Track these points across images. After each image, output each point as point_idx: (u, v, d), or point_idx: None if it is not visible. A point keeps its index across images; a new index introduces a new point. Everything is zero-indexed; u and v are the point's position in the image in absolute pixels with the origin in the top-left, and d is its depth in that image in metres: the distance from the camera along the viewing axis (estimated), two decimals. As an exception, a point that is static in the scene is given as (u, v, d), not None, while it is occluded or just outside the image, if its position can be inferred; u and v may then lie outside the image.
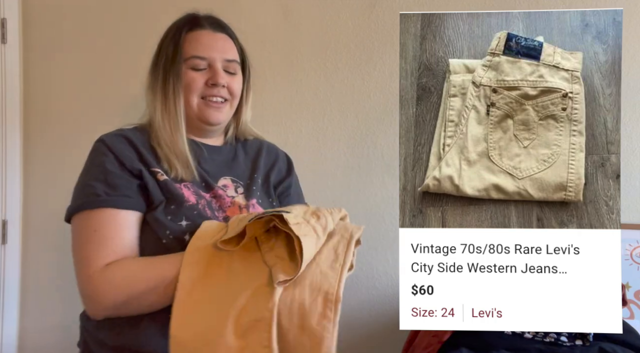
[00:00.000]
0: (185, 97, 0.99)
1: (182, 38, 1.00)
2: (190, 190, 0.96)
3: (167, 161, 0.96)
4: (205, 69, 1.01)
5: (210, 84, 1.00)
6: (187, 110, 1.00)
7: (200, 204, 0.95)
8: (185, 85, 0.98)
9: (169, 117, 0.98)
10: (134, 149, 0.95)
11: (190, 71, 0.99)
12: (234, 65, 1.04)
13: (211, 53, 1.00)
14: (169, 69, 0.98)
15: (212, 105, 1.01)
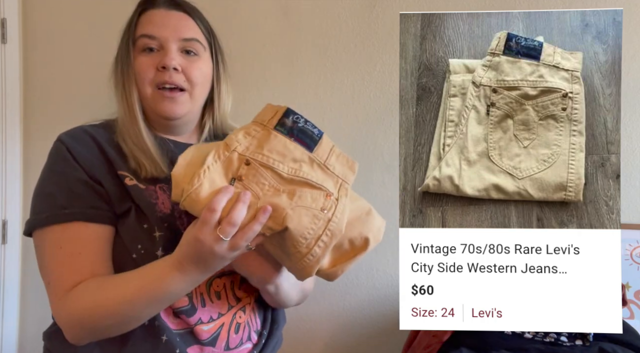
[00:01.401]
0: (138, 86, 0.86)
1: (134, 20, 0.87)
2: (165, 193, 0.83)
3: (133, 158, 0.83)
4: (157, 51, 0.86)
5: (160, 68, 0.85)
6: (143, 101, 0.87)
7: (176, 211, 0.82)
8: (136, 72, 0.85)
9: (127, 109, 0.86)
10: (98, 148, 0.83)
11: (141, 55, 0.85)
12: (195, 45, 0.87)
13: (162, 31, 0.84)
14: (124, 56, 0.87)
15: (166, 96, 0.85)
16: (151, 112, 0.88)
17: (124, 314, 0.74)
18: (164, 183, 0.83)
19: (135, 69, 0.85)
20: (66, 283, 0.76)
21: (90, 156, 0.81)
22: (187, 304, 0.81)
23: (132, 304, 0.73)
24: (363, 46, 1.62)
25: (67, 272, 0.76)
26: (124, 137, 0.85)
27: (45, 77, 1.70)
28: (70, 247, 0.76)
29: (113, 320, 0.74)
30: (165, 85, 0.85)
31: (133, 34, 0.86)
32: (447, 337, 1.13)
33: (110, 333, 0.77)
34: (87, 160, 0.80)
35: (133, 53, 0.86)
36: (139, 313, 0.75)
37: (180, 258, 0.72)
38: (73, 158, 0.80)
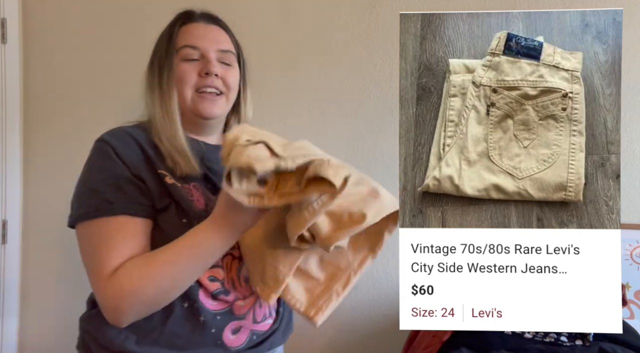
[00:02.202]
0: (179, 90, 0.96)
1: (176, 32, 0.99)
2: (199, 191, 0.93)
3: (170, 158, 0.92)
4: (198, 60, 0.97)
5: (203, 74, 0.96)
6: (182, 104, 0.97)
7: (209, 207, 0.91)
8: (178, 77, 0.96)
9: (166, 111, 0.95)
10: (139, 148, 0.91)
11: (183, 63, 0.96)
12: (229, 56, 1.00)
13: (204, 43, 0.97)
14: (164, 63, 0.96)
15: (206, 98, 0.97)
16: (189, 113, 0.97)
17: (170, 277, 0.81)
18: (196, 182, 0.93)
19: (178, 75, 0.95)
20: (110, 266, 0.82)
21: (133, 155, 0.89)
22: (221, 287, 0.91)
23: (177, 264, 0.81)
24: (363, 46, 1.62)
25: (111, 257, 0.82)
26: (161, 137, 0.93)
27: (45, 77, 1.70)
28: (115, 237, 0.83)
29: (160, 286, 0.81)
30: (206, 88, 0.96)
31: (175, 44, 0.96)
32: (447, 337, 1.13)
33: (156, 304, 0.84)
34: (131, 159, 0.88)
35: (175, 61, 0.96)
36: (183, 274, 0.82)
37: (213, 217, 0.81)
38: (117, 156, 0.88)
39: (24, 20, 1.70)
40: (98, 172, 0.88)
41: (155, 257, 0.83)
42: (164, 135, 0.93)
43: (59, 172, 1.70)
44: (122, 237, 0.83)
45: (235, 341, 0.91)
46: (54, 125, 1.70)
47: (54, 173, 1.70)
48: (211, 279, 0.90)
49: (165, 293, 0.83)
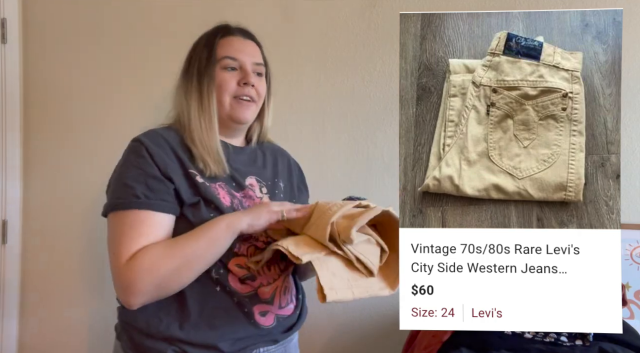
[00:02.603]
0: (218, 96, 1.06)
1: (216, 43, 1.08)
2: (224, 190, 1.03)
3: (201, 159, 1.01)
4: (236, 69, 1.08)
5: (242, 84, 1.07)
6: (219, 109, 1.07)
7: (234, 204, 1.02)
8: (218, 84, 1.06)
9: (204, 115, 1.04)
10: (171, 149, 1.01)
11: (223, 72, 1.07)
12: (261, 68, 1.12)
13: (242, 56, 1.08)
14: (203, 71, 1.06)
15: (243, 104, 1.08)
16: (225, 117, 1.08)
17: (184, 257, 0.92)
18: (222, 181, 1.03)
19: (218, 82, 1.06)
20: (129, 252, 0.92)
21: (164, 156, 0.99)
22: (248, 273, 1.02)
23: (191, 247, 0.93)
24: (363, 46, 1.62)
25: (131, 245, 0.92)
26: (195, 140, 1.03)
27: (45, 77, 1.70)
28: (138, 228, 0.93)
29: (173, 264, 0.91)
30: (243, 96, 1.08)
31: (216, 54, 1.07)
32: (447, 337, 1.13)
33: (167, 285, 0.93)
34: (162, 159, 0.98)
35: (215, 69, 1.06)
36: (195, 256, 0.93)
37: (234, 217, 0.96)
38: (150, 156, 0.98)
39: (24, 20, 1.70)
40: (131, 169, 0.98)
41: (172, 241, 0.95)
42: (198, 138, 1.03)
43: (59, 172, 1.70)
44: (144, 229, 0.93)
45: (265, 321, 1.02)
46: (54, 125, 1.70)
47: (54, 173, 1.70)
48: (238, 266, 1.01)
49: (177, 273, 0.92)
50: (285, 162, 1.22)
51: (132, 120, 1.68)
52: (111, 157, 1.70)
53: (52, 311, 1.71)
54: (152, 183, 0.96)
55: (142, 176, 0.96)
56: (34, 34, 1.70)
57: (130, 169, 0.98)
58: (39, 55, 1.70)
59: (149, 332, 0.98)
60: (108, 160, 1.69)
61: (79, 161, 1.70)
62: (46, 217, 1.70)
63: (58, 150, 1.70)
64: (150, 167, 0.97)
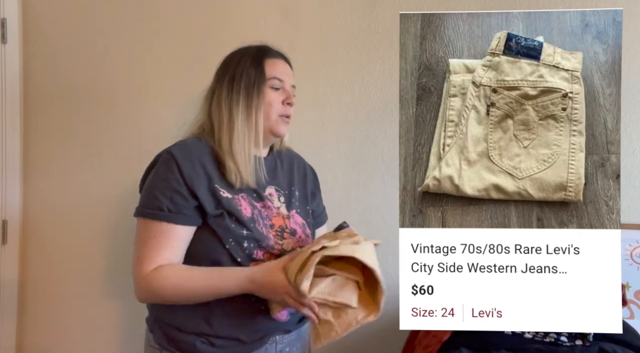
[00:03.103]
0: (266, 112, 1.14)
1: (264, 63, 1.16)
2: (246, 201, 1.11)
3: (234, 173, 1.09)
4: (279, 89, 1.17)
5: (286, 103, 1.17)
6: (265, 124, 1.15)
7: (255, 215, 1.10)
8: (268, 102, 1.14)
9: (250, 129, 1.12)
10: (200, 164, 1.09)
11: (271, 91, 1.15)
12: (294, 90, 1.22)
13: (286, 77, 1.18)
14: (252, 88, 1.14)
15: (286, 121, 1.18)
16: (267, 132, 1.16)
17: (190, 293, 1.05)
18: (245, 193, 1.11)
19: (268, 100, 1.14)
20: (150, 265, 1.04)
21: (193, 171, 1.07)
22: None
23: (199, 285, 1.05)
24: (363, 46, 1.62)
25: (153, 256, 1.04)
26: (235, 152, 1.10)
27: (45, 77, 1.70)
28: (160, 238, 1.05)
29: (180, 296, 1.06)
30: (286, 114, 1.17)
31: (264, 74, 1.15)
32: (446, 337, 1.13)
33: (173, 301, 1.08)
34: (189, 175, 1.07)
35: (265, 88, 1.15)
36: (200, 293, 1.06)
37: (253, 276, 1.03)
38: (179, 171, 1.06)
39: (24, 20, 1.70)
40: (160, 181, 1.07)
41: (193, 271, 1.06)
42: (239, 151, 1.11)
43: (59, 172, 1.70)
44: (165, 241, 1.05)
45: (280, 317, 1.13)
46: (54, 125, 1.70)
47: (54, 173, 1.70)
48: None
49: (184, 298, 1.06)
50: (301, 169, 1.29)
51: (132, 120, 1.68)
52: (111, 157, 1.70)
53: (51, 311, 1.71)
54: (177, 198, 1.05)
55: (169, 190, 1.06)
56: (34, 34, 1.70)
57: (159, 181, 1.08)
58: (39, 55, 1.70)
59: (182, 328, 1.10)
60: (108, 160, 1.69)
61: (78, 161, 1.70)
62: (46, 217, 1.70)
63: (58, 151, 1.70)
64: (177, 183, 1.06)
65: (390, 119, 1.59)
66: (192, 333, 1.10)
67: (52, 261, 1.70)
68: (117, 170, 1.68)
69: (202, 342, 1.09)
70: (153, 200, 1.07)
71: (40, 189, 1.71)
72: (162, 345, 1.12)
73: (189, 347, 1.10)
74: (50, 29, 1.70)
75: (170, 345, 1.11)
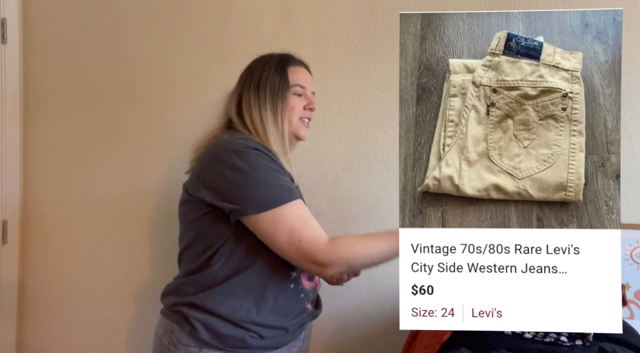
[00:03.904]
0: (289, 117, 1.24)
1: (288, 70, 1.26)
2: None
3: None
4: (301, 95, 1.27)
5: (307, 108, 1.28)
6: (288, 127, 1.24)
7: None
8: (291, 107, 1.24)
9: (278, 132, 1.20)
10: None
11: (294, 97, 1.25)
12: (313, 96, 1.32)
13: (307, 84, 1.29)
14: (277, 94, 1.23)
15: (307, 125, 1.29)
16: (290, 134, 1.26)
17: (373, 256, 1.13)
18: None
19: (291, 105, 1.24)
20: (322, 235, 1.11)
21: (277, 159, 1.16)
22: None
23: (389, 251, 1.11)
24: (363, 46, 1.62)
25: (317, 229, 1.11)
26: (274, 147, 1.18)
27: (45, 77, 1.70)
28: (306, 212, 1.13)
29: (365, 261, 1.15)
30: (306, 118, 1.29)
31: (288, 81, 1.24)
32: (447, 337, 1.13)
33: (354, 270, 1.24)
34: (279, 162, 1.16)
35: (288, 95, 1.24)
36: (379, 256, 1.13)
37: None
38: (273, 159, 1.14)
39: (24, 20, 1.70)
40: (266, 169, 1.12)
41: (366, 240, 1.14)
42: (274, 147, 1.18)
43: (59, 172, 1.70)
44: (306, 212, 1.12)
45: (310, 306, 1.26)
46: (53, 125, 1.70)
47: (54, 173, 1.70)
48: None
49: (363, 267, 1.22)
50: None
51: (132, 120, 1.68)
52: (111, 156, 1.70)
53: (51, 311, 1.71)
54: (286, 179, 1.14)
55: (282, 175, 1.13)
56: (34, 34, 1.70)
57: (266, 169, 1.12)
58: (39, 55, 1.70)
59: (232, 318, 1.13)
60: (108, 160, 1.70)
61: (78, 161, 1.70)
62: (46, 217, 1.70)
63: (58, 150, 1.70)
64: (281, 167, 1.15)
65: (390, 119, 1.59)
66: (241, 326, 1.13)
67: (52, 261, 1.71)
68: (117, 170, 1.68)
69: (252, 336, 1.13)
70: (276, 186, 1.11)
71: (40, 189, 1.71)
72: (202, 341, 1.12)
73: (238, 342, 1.12)
74: (50, 29, 1.70)
75: (215, 340, 1.12)
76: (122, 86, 1.68)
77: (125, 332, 1.70)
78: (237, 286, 1.14)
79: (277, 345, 1.19)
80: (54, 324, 1.71)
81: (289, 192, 1.11)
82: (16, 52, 1.68)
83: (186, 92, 1.66)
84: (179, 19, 1.67)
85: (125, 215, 1.67)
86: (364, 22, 1.62)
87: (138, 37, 1.68)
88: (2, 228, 1.66)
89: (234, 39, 1.65)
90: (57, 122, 1.70)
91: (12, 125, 1.68)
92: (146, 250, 1.68)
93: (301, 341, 1.28)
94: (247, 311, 1.13)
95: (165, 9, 1.68)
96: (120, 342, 1.70)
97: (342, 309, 1.63)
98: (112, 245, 1.68)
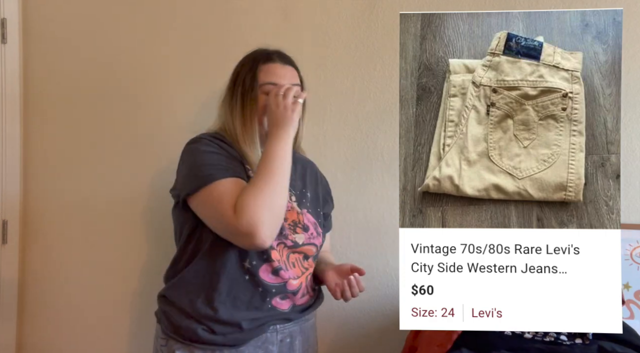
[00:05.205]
0: (259, 117, 1.21)
1: (258, 69, 1.23)
2: None
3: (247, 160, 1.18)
4: None
5: None
6: (260, 128, 1.22)
7: None
8: (260, 107, 1.21)
9: (246, 134, 1.19)
10: (228, 145, 1.18)
11: (264, 95, 1.21)
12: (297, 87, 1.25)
13: (281, 80, 1.22)
14: (247, 95, 1.21)
15: None
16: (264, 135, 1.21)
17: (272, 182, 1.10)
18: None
19: (261, 105, 1.21)
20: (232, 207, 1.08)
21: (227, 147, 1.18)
22: (279, 265, 1.16)
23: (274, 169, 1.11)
24: (363, 46, 1.62)
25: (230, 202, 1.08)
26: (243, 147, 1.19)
27: (45, 77, 1.70)
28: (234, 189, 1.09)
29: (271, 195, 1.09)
30: None
31: (257, 80, 1.22)
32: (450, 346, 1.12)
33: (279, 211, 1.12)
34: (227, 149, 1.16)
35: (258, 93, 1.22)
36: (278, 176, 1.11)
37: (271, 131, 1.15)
38: (218, 146, 1.15)
39: (24, 20, 1.70)
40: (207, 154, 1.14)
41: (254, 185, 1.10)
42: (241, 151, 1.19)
43: (59, 172, 1.70)
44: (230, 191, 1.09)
45: (282, 306, 1.19)
46: (53, 125, 1.70)
47: (54, 173, 1.70)
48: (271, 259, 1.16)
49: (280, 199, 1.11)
50: (313, 174, 1.34)
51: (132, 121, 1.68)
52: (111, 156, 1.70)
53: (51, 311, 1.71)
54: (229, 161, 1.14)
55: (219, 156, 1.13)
56: (34, 34, 1.70)
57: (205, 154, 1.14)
58: (39, 55, 1.70)
59: (187, 309, 1.14)
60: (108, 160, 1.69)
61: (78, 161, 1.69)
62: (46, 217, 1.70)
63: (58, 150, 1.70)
64: (225, 151, 1.15)
65: (390, 119, 1.59)
66: (195, 320, 1.13)
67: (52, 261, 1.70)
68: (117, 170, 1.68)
69: (204, 329, 1.12)
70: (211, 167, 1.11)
71: (40, 189, 1.71)
72: (167, 335, 1.16)
73: (191, 334, 1.12)
74: (50, 29, 1.70)
75: (174, 333, 1.14)
76: (122, 86, 1.68)
77: (125, 331, 1.70)
78: (191, 275, 1.15)
79: (231, 342, 1.14)
80: (54, 324, 1.71)
81: (223, 170, 1.11)
82: (16, 52, 1.68)
83: (186, 94, 1.66)
84: (179, 19, 1.67)
85: (125, 215, 1.67)
86: (364, 22, 1.62)
87: (138, 38, 1.68)
88: (2, 228, 1.66)
89: (234, 40, 1.65)
90: (57, 122, 1.70)
91: (12, 125, 1.68)
92: (147, 249, 1.68)
93: (275, 346, 1.19)
94: (201, 302, 1.13)
95: (166, 10, 1.68)
96: (120, 341, 1.70)
97: (342, 309, 1.63)
98: (112, 245, 1.68)
